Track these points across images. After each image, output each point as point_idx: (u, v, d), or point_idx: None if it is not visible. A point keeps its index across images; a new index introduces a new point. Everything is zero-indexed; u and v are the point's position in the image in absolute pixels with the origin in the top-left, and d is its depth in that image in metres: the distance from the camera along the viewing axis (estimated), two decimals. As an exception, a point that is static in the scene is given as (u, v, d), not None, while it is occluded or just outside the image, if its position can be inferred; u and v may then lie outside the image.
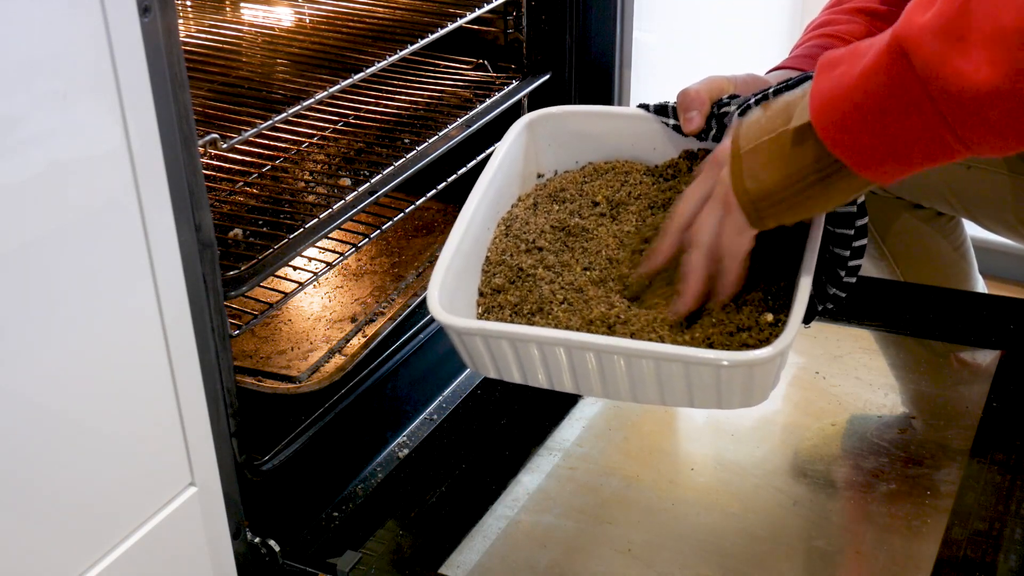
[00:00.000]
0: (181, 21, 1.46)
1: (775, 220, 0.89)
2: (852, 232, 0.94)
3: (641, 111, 1.08)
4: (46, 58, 0.71)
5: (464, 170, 1.38)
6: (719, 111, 1.01)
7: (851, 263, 0.95)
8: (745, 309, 0.93)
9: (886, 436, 1.24)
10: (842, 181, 0.84)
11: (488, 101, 1.41)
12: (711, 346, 0.91)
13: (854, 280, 0.96)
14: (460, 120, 1.36)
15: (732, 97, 1.02)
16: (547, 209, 1.06)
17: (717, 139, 1.02)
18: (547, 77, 1.47)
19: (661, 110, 1.07)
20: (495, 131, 1.40)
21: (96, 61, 0.75)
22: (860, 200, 0.94)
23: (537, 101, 1.47)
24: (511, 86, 1.46)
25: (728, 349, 0.91)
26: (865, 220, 0.94)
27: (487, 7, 1.40)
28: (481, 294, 1.00)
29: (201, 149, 0.96)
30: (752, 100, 0.99)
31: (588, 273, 0.98)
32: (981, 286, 1.55)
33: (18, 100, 0.70)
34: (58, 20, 0.72)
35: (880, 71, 0.78)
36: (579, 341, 0.89)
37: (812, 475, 1.20)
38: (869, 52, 0.79)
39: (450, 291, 0.95)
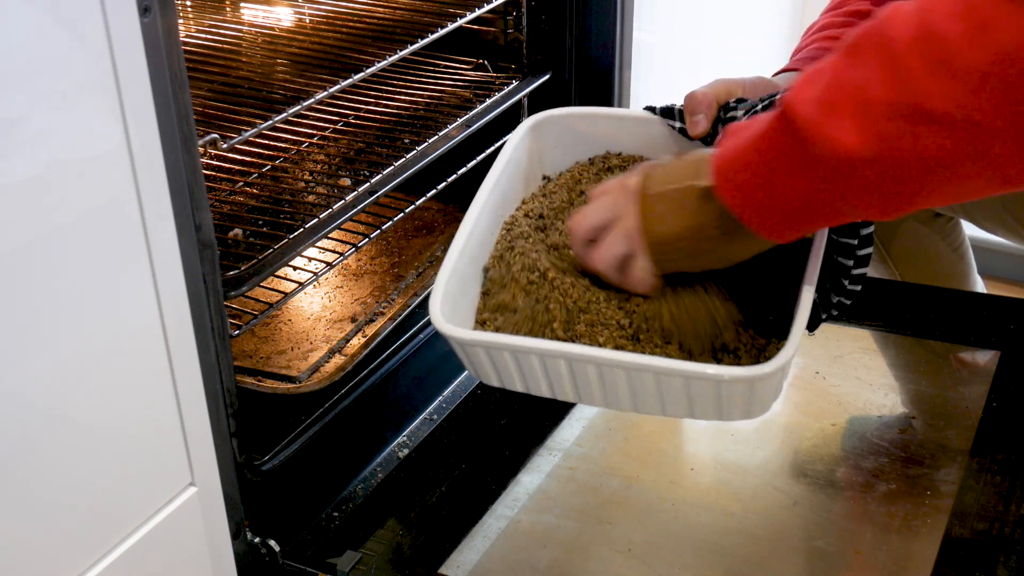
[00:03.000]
0: (181, 21, 1.46)
1: (674, 266, 0.92)
2: (856, 242, 0.94)
3: (647, 113, 1.07)
4: (46, 58, 0.71)
5: (464, 170, 1.38)
6: (726, 115, 1.01)
7: (855, 271, 0.95)
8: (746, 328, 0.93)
9: (886, 436, 1.24)
10: (742, 239, 0.87)
11: (488, 101, 1.41)
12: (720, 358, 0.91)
13: (859, 288, 0.97)
14: (460, 120, 1.36)
15: (739, 101, 1.01)
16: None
17: None
18: (547, 77, 1.47)
19: (667, 112, 1.06)
20: (495, 131, 1.41)
21: (96, 61, 0.75)
22: None
23: (537, 101, 1.47)
24: (511, 86, 1.46)
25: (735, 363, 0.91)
26: (870, 229, 0.94)
27: (487, 7, 1.40)
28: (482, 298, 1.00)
29: (201, 149, 0.96)
30: (759, 105, 0.99)
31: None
32: (980, 287, 1.55)
33: (18, 100, 0.70)
34: (58, 20, 0.72)
35: (771, 135, 0.82)
36: (580, 354, 0.88)
37: (812, 475, 1.20)
38: (765, 118, 0.84)
39: (453, 297, 0.95)
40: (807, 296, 0.90)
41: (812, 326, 0.99)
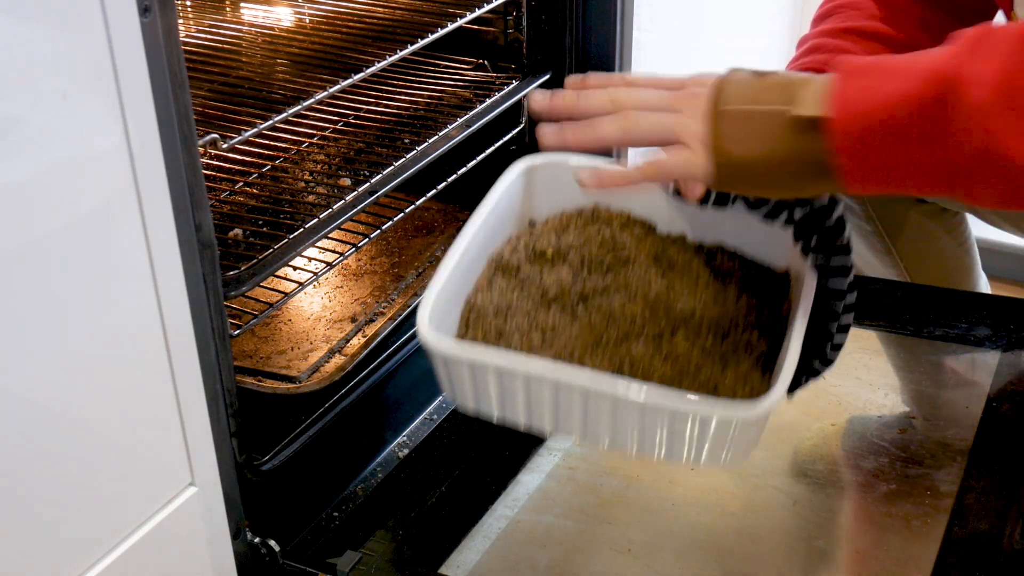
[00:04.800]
0: (181, 21, 1.46)
1: (738, 190, 0.87)
2: (839, 309, 0.94)
3: None
4: (46, 58, 0.72)
5: (464, 170, 1.38)
6: None
7: (836, 339, 0.95)
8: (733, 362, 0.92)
9: (886, 436, 1.24)
10: (822, 181, 0.81)
11: (488, 101, 1.41)
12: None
13: (837, 356, 0.96)
14: (460, 120, 1.36)
15: None
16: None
17: (717, 204, 0.98)
18: (547, 77, 1.47)
19: None
20: (495, 131, 1.41)
21: (96, 61, 0.75)
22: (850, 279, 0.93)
23: (537, 101, 1.47)
24: (511, 86, 1.46)
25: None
26: (853, 299, 0.93)
27: (487, 7, 1.40)
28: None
29: (201, 149, 0.96)
30: None
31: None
32: (984, 282, 1.55)
33: (18, 100, 0.70)
34: (58, 20, 0.72)
35: (917, 101, 0.75)
36: (567, 373, 0.85)
37: (812, 475, 1.20)
38: (905, 74, 0.76)
39: (439, 317, 0.92)
40: (795, 343, 0.86)
41: (790, 390, 0.97)
